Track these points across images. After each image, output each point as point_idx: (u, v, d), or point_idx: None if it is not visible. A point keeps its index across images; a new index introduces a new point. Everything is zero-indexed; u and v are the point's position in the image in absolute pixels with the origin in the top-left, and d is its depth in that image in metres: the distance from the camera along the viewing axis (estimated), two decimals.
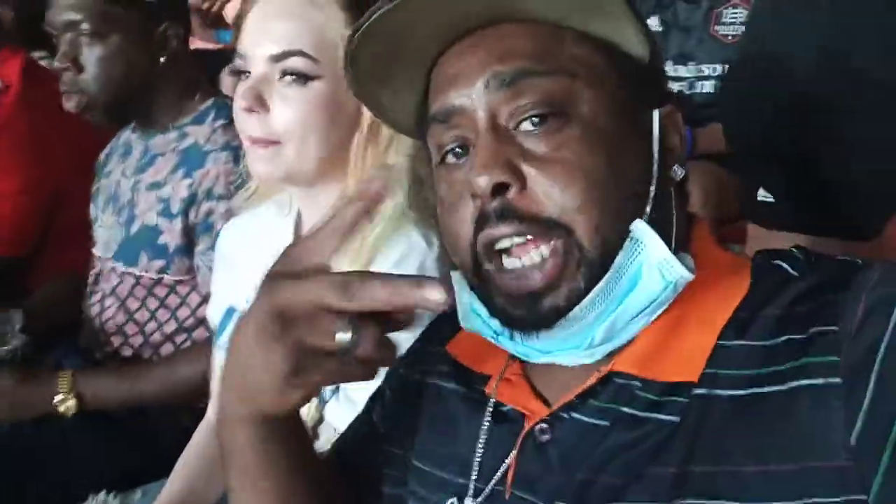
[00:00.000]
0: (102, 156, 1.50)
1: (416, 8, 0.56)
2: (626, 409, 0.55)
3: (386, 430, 0.72)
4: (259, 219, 1.05)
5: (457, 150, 0.59)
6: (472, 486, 0.61)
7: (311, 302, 0.49)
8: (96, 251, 1.43)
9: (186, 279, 1.32)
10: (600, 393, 0.57)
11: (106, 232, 1.40)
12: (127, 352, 1.37)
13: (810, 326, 0.51)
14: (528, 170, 0.55)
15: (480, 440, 0.62)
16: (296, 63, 0.85)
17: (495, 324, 0.58)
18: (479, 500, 0.60)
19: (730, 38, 1.66)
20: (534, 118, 0.56)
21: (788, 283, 0.55)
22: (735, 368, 0.53)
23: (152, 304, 1.34)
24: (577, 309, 0.54)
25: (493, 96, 0.56)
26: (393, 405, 0.73)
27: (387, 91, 0.63)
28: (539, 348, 0.57)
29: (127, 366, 1.34)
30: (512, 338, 0.57)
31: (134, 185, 1.36)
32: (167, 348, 1.35)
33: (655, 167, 0.58)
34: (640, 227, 0.55)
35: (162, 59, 1.28)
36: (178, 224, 1.28)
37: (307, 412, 0.90)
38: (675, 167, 0.60)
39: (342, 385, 0.88)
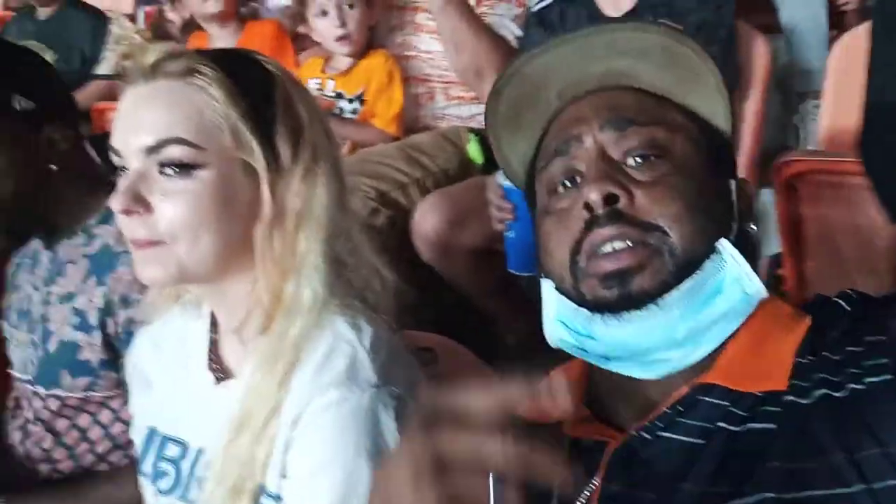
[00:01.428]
0: (11, 267, 1.37)
1: (550, 65, 0.69)
2: (721, 425, 0.60)
3: None
4: (168, 325, 0.93)
5: (567, 182, 0.68)
6: None
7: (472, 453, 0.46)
8: (14, 372, 1.28)
9: (117, 393, 1.17)
10: (689, 410, 0.62)
11: (21, 351, 1.25)
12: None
13: (865, 337, 0.59)
14: (634, 189, 0.64)
15: None
16: (174, 152, 0.74)
17: (582, 322, 0.64)
18: None
19: None
20: (638, 157, 0.66)
21: (843, 314, 0.64)
22: (813, 378, 0.59)
23: (83, 422, 1.19)
24: (665, 297, 0.61)
25: (606, 136, 0.67)
26: None
27: (510, 135, 0.74)
28: (623, 342, 0.62)
29: (63, 489, 1.17)
30: (594, 336, 0.63)
31: (45, 297, 1.21)
32: (102, 469, 1.20)
33: (735, 213, 0.68)
34: (725, 244, 0.64)
35: (53, 167, 1.14)
36: (97, 337, 1.13)
37: None
38: (751, 225, 0.69)
39: None
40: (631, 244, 0.62)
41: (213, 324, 0.89)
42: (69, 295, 1.18)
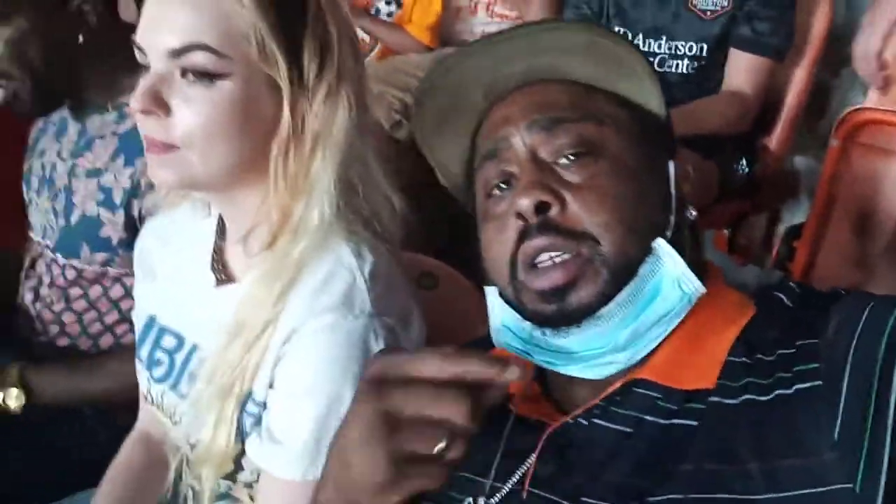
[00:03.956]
0: (34, 131, 1.35)
1: (471, 68, 0.68)
2: (648, 417, 0.60)
3: None
4: (176, 222, 0.92)
5: (501, 185, 0.67)
6: (488, 486, 0.64)
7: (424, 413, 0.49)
8: (34, 235, 1.29)
9: (132, 271, 1.20)
10: (622, 401, 0.62)
11: (42, 217, 1.25)
12: (63, 341, 1.24)
13: (797, 340, 0.58)
14: (566, 194, 0.63)
15: (500, 447, 0.65)
16: (198, 59, 0.70)
17: (526, 330, 0.64)
18: (496, 499, 0.63)
19: (708, 13, 1.52)
20: (569, 155, 0.64)
21: (783, 310, 0.63)
22: (742, 379, 0.58)
23: (94, 293, 1.21)
24: (604, 310, 0.61)
25: (535, 136, 0.65)
26: None
27: (442, 141, 0.74)
28: (567, 349, 0.62)
29: (76, 360, 1.22)
30: (540, 345, 0.63)
31: (71, 169, 1.21)
32: (107, 339, 1.23)
33: (673, 203, 0.66)
34: (661, 244, 0.63)
35: (81, 37, 1.11)
36: (120, 217, 1.13)
37: (226, 442, 0.80)
38: (689, 209, 0.68)
39: (266, 423, 0.78)
40: (564, 255, 0.61)
41: (221, 229, 0.87)
42: (96, 170, 1.17)
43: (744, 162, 1.55)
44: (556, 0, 1.79)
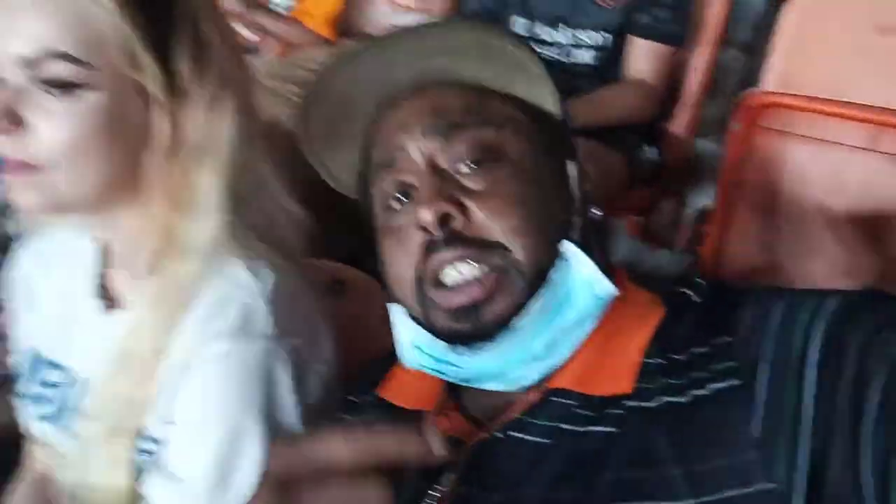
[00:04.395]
0: None
1: (358, 73, 0.65)
2: (566, 426, 0.58)
3: None
4: (57, 243, 0.84)
5: (399, 196, 0.63)
6: None
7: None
8: None
9: None
10: (540, 413, 0.60)
11: None
12: None
13: (710, 339, 0.57)
14: (469, 203, 0.60)
15: (412, 472, 0.60)
16: (56, 68, 0.63)
17: (439, 349, 0.61)
18: None
19: (610, 2, 1.52)
20: (469, 163, 0.62)
21: (692, 307, 0.61)
22: (658, 381, 0.57)
23: None
24: (516, 320, 0.58)
25: (431, 143, 0.62)
26: None
27: (332, 153, 0.70)
28: (482, 367, 0.60)
29: None
30: (454, 363, 0.60)
31: None
32: None
33: (577, 204, 0.64)
34: (569, 247, 0.61)
35: None
36: None
37: (123, 484, 0.73)
38: (593, 209, 0.66)
39: (163, 460, 0.71)
40: (475, 270, 0.59)
41: (104, 251, 0.80)
42: None
43: (650, 149, 1.56)
44: None
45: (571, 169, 0.66)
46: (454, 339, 0.60)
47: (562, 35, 1.53)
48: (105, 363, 0.74)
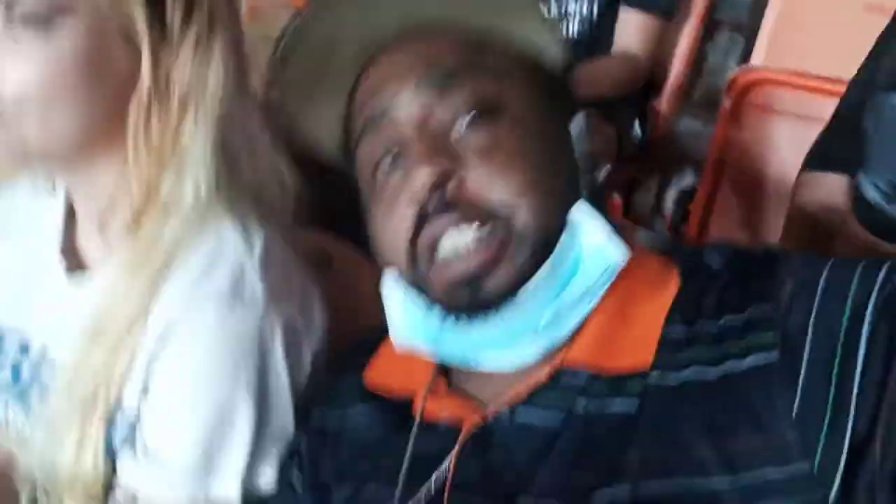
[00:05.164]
0: None
1: (339, 20, 0.58)
2: (581, 405, 0.53)
3: (307, 489, 0.64)
4: (14, 203, 0.76)
5: (389, 158, 0.57)
6: (397, 498, 0.57)
7: None
8: None
9: None
10: (549, 389, 0.55)
11: None
12: None
13: (746, 307, 0.52)
14: (468, 163, 0.54)
15: (406, 461, 0.57)
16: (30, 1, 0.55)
17: (435, 321, 0.56)
18: None
19: None
20: (467, 118, 0.55)
21: (718, 274, 0.55)
22: (684, 353, 0.52)
23: None
24: (521, 292, 0.53)
25: (424, 98, 0.56)
26: (311, 462, 0.64)
27: (314, 112, 0.63)
28: (481, 342, 0.55)
29: None
30: (451, 337, 0.56)
31: None
32: None
33: (583, 163, 0.58)
34: (582, 208, 0.55)
35: None
36: None
37: (92, 465, 0.67)
38: (600, 168, 0.61)
39: (140, 438, 0.65)
40: (473, 235, 0.53)
41: (70, 209, 0.73)
42: None
43: (637, 125, 1.55)
44: None
45: (576, 123, 0.60)
46: (451, 310, 0.56)
47: (554, 6, 1.50)
48: (74, 334, 0.67)
